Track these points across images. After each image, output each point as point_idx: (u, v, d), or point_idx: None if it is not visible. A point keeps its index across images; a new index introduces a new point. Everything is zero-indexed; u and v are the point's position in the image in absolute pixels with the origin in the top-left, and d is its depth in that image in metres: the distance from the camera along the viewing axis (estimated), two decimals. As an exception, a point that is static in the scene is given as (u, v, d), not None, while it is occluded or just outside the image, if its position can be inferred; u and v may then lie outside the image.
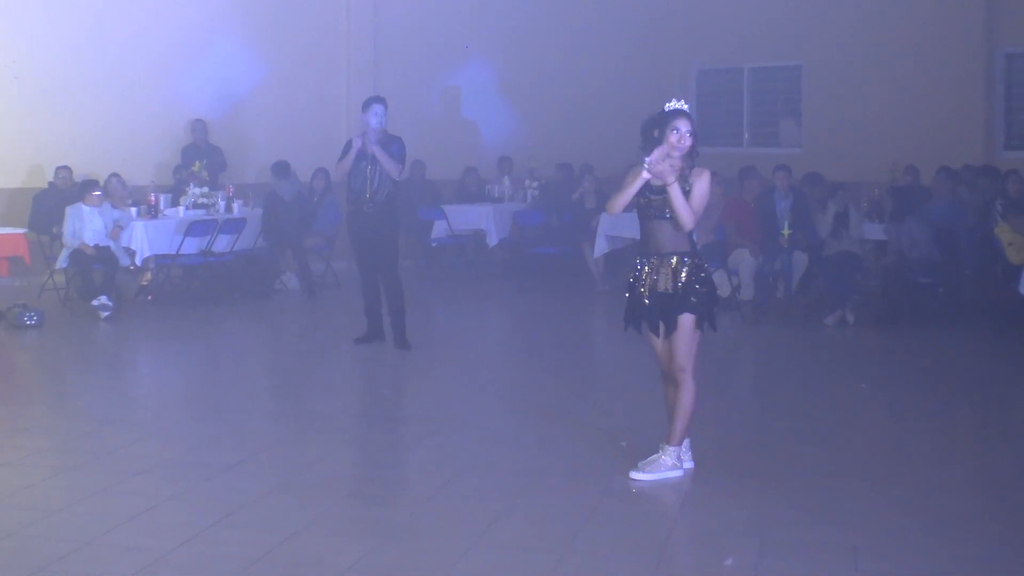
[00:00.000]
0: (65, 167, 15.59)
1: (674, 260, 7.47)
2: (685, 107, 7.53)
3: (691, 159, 7.47)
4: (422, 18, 19.43)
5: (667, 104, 7.57)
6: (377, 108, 11.70)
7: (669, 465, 7.52)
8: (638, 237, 7.97)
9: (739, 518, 6.84)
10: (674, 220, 7.40)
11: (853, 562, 6.13)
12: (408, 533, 6.63)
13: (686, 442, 7.64)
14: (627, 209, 7.66)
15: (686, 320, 7.46)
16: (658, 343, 7.60)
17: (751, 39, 20.60)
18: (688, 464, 7.65)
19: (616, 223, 15.11)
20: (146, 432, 8.85)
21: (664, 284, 7.49)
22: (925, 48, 18.65)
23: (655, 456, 7.56)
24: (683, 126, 7.41)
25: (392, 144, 11.74)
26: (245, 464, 7.94)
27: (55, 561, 6.07)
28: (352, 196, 11.87)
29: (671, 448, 7.54)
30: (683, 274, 7.44)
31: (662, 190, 7.40)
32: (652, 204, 7.48)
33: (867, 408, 9.92)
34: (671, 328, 7.49)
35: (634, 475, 7.49)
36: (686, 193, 7.35)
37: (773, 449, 8.37)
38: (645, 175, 7.34)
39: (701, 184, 7.40)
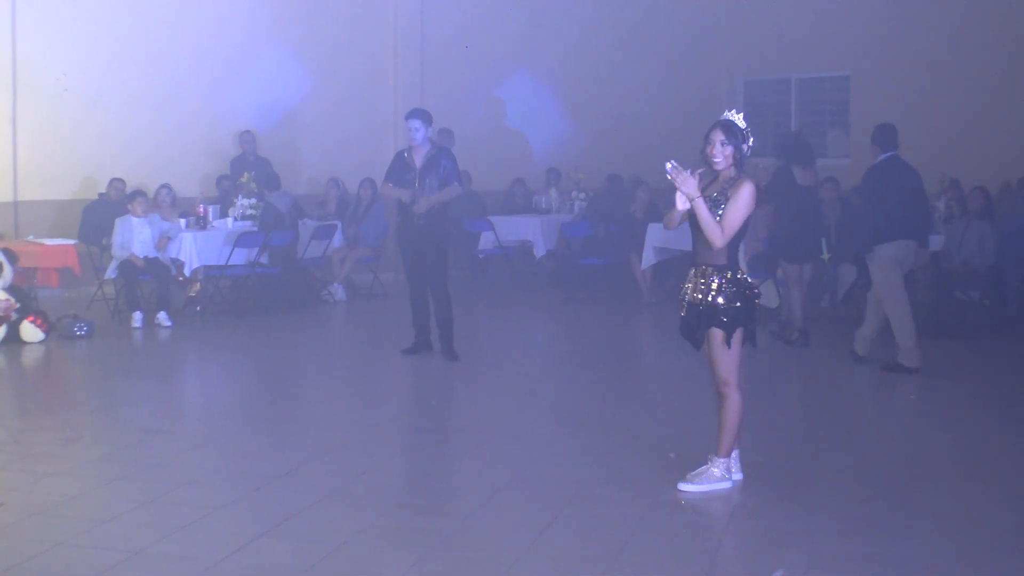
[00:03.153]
0: (119, 179, 15.71)
1: (705, 272, 7.43)
2: (732, 117, 7.48)
3: (737, 169, 7.42)
4: (469, 30, 19.47)
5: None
6: (413, 123, 11.71)
7: (718, 476, 7.48)
8: (686, 249, 7.95)
9: (788, 530, 6.80)
10: None
11: (903, 575, 6.09)
12: (456, 543, 6.62)
13: (735, 453, 7.61)
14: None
15: (713, 334, 7.42)
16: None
17: (799, 49, 20.56)
18: (737, 475, 7.61)
19: (665, 235, 15.09)
20: (195, 442, 8.88)
21: (693, 295, 7.46)
22: (976, 58, 18.53)
23: (704, 467, 7.53)
24: (716, 137, 7.39)
25: (441, 158, 11.77)
26: (294, 474, 7.96)
27: (105, 571, 6.10)
28: (402, 207, 11.90)
29: (719, 460, 7.51)
30: (712, 287, 7.39)
31: (705, 200, 7.36)
32: (692, 215, 7.45)
33: (916, 420, 9.84)
34: (698, 339, 7.47)
35: (682, 486, 7.46)
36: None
37: (822, 461, 8.32)
38: (679, 196, 7.31)
39: (736, 198, 7.29)
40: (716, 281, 7.38)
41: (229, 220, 15.36)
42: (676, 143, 17.35)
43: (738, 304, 7.37)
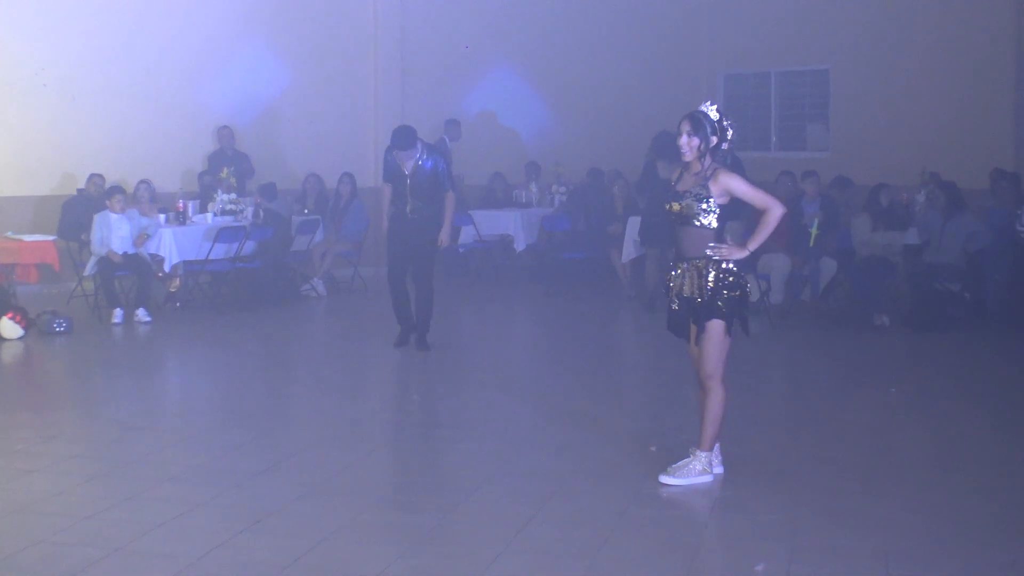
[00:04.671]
0: (98, 175, 15.66)
1: (700, 265, 7.42)
2: (706, 108, 7.47)
3: (712, 159, 7.42)
4: (449, 24, 19.45)
5: None
6: (408, 153, 11.78)
7: (699, 470, 7.48)
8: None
9: (769, 523, 6.80)
10: (700, 227, 7.35)
11: (884, 567, 6.10)
12: (437, 539, 6.61)
13: (716, 447, 7.61)
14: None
15: (713, 326, 7.41)
16: (693, 348, 7.56)
17: (778, 43, 20.59)
18: (718, 469, 7.61)
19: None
20: (175, 438, 8.87)
21: (690, 289, 7.45)
22: (953, 51, 18.57)
23: (685, 461, 7.53)
24: (683, 129, 7.41)
25: (430, 158, 11.83)
26: (274, 470, 7.94)
27: (84, 568, 6.08)
28: (396, 201, 11.96)
29: (701, 453, 7.51)
30: (710, 279, 7.38)
31: (684, 195, 7.39)
32: (675, 211, 7.45)
33: (897, 413, 9.86)
34: (699, 333, 7.45)
35: (664, 480, 7.46)
36: (722, 208, 7.34)
37: (803, 454, 8.33)
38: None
39: (737, 183, 7.33)
40: (713, 273, 7.37)
41: (209, 215, 15.31)
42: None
43: (737, 293, 7.39)
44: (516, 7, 20.05)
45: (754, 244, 7.38)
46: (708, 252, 7.34)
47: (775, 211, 7.35)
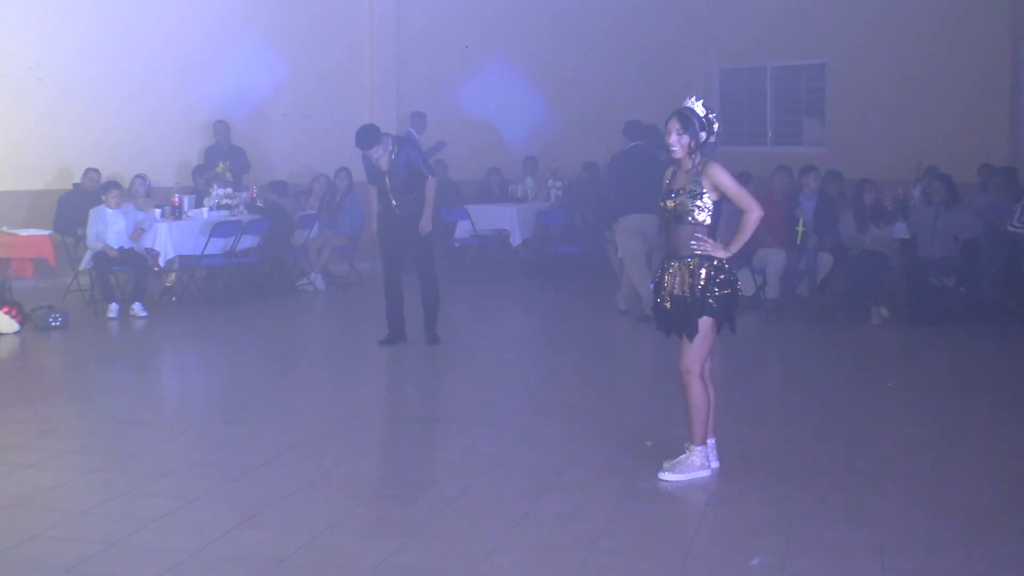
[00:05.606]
0: (94, 169, 15.64)
1: (692, 262, 7.41)
2: (692, 104, 7.47)
3: (700, 155, 7.42)
4: (445, 18, 19.45)
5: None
6: (377, 152, 11.83)
7: (697, 464, 7.48)
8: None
9: (765, 517, 6.81)
10: (693, 225, 7.36)
11: (880, 561, 6.10)
12: (434, 533, 6.61)
13: (711, 442, 7.61)
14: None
15: (702, 323, 7.41)
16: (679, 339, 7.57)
17: (775, 37, 20.54)
18: (714, 463, 7.61)
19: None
20: (171, 433, 8.86)
21: (681, 287, 7.44)
22: (949, 46, 18.55)
23: (683, 456, 7.53)
24: (672, 127, 7.42)
25: (403, 152, 11.82)
26: (270, 465, 7.93)
27: (80, 563, 6.07)
28: (382, 199, 11.96)
29: (696, 448, 7.50)
30: (701, 276, 7.38)
31: (678, 194, 7.39)
32: (668, 209, 7.46)
33: (893, 407, 9.87)
34: (690, 331, 7.44)
35: (662, 476, 7.45)
36: (716, 204, 7.35)
37: (799, 448, 8.33)
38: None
39: (722, 176, 7.31)
40: (705, 271, 7.37)
41: (204, 210, 15.29)
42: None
43: (727, 291, 7.39)
44: (513, 3, 20.03)
45: (735, 246, 7.39)
46: (692, 244, 7.35)
47: (753, 213, 7.36)
